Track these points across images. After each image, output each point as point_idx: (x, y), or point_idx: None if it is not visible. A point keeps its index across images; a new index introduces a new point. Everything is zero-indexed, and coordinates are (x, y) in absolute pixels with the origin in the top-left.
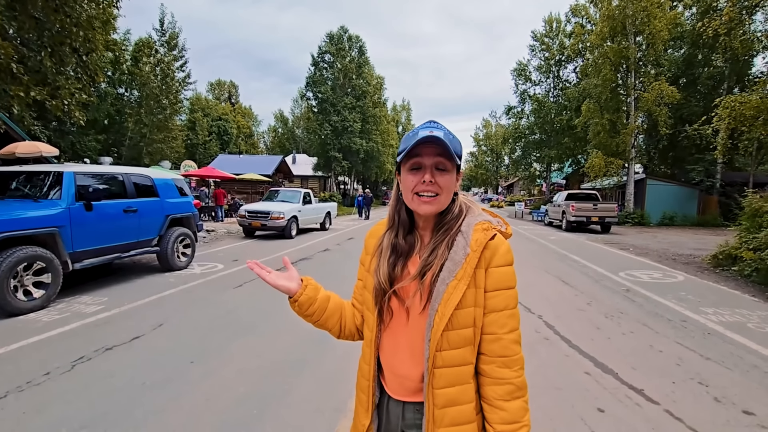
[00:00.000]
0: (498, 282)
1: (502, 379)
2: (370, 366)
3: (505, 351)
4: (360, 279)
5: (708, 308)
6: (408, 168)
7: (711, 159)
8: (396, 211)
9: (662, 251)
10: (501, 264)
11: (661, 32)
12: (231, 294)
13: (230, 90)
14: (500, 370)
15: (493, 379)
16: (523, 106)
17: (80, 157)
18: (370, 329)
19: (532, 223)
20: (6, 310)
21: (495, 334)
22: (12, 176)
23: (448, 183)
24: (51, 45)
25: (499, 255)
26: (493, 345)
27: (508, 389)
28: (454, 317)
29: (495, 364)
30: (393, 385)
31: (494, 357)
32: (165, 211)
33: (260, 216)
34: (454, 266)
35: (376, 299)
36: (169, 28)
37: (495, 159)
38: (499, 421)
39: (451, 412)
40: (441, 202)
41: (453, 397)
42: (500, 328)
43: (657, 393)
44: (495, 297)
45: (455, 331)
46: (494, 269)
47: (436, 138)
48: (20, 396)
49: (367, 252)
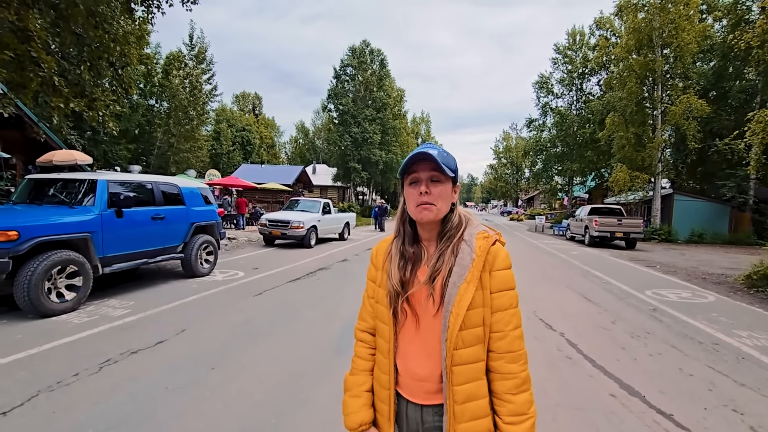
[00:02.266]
0: (501, 283)
1: (509, 374)
2: (389, 375)
3: (511, 346)
4: (371, 297)
5: (742, 331)
6: (408, 183)
7: (743, 174)
8: (401, 222)
9: (691, 269)
10: (502, 267)
11: (690, 45)
12: (251, 301)
13: (254, 101)
14: (508, 366)
15: (502, 374)
16: (544, 118)
17: (111, 165)
18: (386, 340)
19: (553, 238)
20: (40, 311)
21: (502, 331)
22: (49, 183)
23: (442, 192)
24: (90, 59)
25: (500, 259)
26: (500, 342)
27: (515, 383)
28: (466, 317)
29: (503, 359)
30: (411, 390)
31: (502, 353)
32: (190, 218)
33: (280, 225)
34: (463, 270)
35: (391, 303)
36: (198, 43)
37: (515, 172)
38: (507, 413)
39: (470, 408)
40: (437, 210)
41: (471, 392)
42: (506, 325)
43: (688, 419)
44: (500, 297)
45: (468, 330)
46: (497, 272)
47: (428, 154)
48: (51, 395)
49: (377, 268)
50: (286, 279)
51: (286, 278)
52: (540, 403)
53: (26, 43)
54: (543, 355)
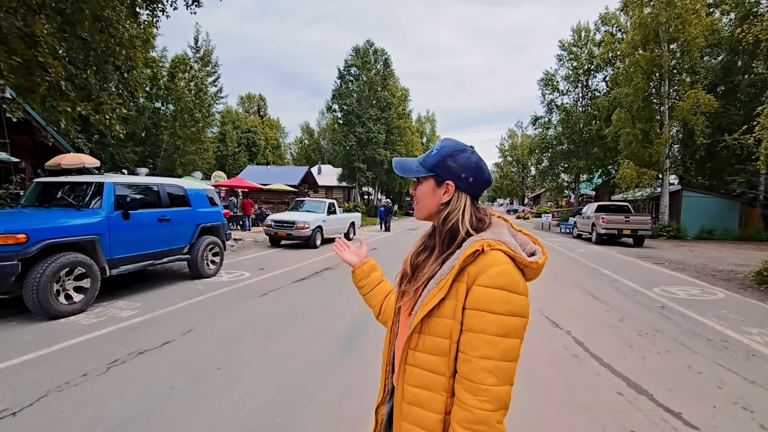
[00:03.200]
0: (478, 302)
1: (462, 403)
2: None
3: (471, 375)
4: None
5: (752, 328)
6: None
7: (753, 170)
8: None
9: (700, 266)
10: (487, 285)
11: (697, 39)
12: (257, 302)
13: (259, 103)
14: (463, 393)
15: (457, 400)
16: (550, 116)
17: (118, 168)
18: (388, 328)
19: (559, 236)
20: (49, 312)
21: (466, 354)
22: (58, 186)
23: (420, 193)
24: (96, 63)
25: (486, 275)
26: (462, 365)
27: (465, 416)
28: (429, 322)
29: (461, 384)
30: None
31: (461, 378)
32: (196, 220)
33: (286, 226)
34: (440, 276)
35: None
36: (203, 45)
37: (521, 170)
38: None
39: (416, 412)
40: (420, 209)
41: (421, 399)
42: (472, 350)
43: (696, 417)
44: (473, 317)
45: (431, 336)
46: (477, 288)
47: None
48: (60, 395)
49: None
50: (292, 279)
51: (291, 278)
52: (546, 402)
53: (33, 49)
54: (549, 353)
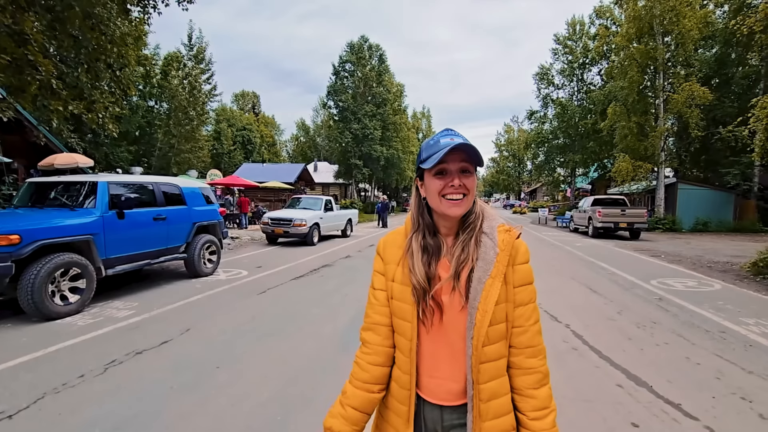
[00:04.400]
0: (523, 278)
1: (531, 369)
2: (410, 375)
3: (531, 341)
4: (382, 290)
5: (749, 318)
6: (433, 173)
7: (748, 162)
8: (419, 214)
9: (696, 258)
10: (523, 261)
11: (691, 31)
12: (255, 300)
13: (253, 100)
14: (529, 360)
15: (523, 370)
16: (545, 110)
17: (113, 168)
18: (407, 338)
19: (556, 230)
20: (44, 314)
21: (523, 326)
22: (51, 186)
23: (473, 185)
24: (87, 61)
25: (521, 253)
26: (521, 337)
27: (536, 378)
28: (493, 314)
29: (524, 354)
30: (432, 389)
31: (523, 348)
32: (192, 218)
33: (283, 223)
34: (487, 265)
35: (417, 301)
36: (197, 43)
37: (517, 164)
38: (530, 408)
39: (494, 405)
40: (467, 203)
41: (495, 390)
42: (527, 320)
43: (696, 408)
44: (522, 292)
45: (493, 326)
46: (519, 266)
47: (466, 145)
48: (56, 397)
49: (387, 261)
50: (290, 277)
51: (289, 276)
52: None
53: (23, 47)
54: (549, 347)
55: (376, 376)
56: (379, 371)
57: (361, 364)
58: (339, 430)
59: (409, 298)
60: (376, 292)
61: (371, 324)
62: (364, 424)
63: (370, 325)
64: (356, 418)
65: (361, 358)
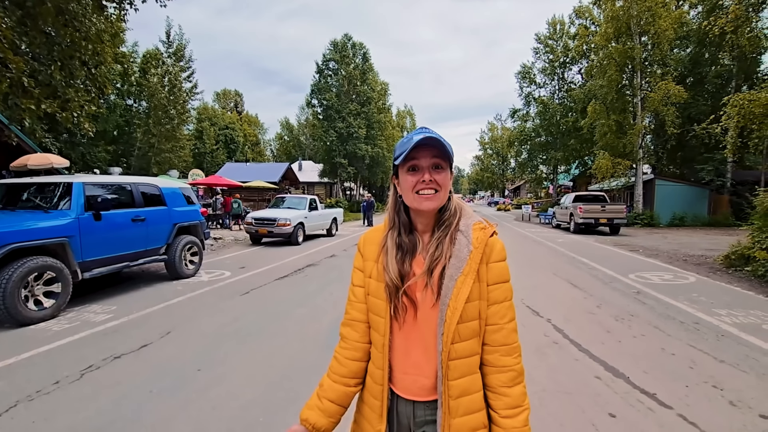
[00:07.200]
0: (497, 276)
1: (504, 367)
2: (382, 370)
3: (506, 339)
4: (361, 286)
5: (721, 310)
6: (406, 170)
7: (721, 158)
8: (395, 212)
9: (673, 252)
10: (498, 260)
11: (667, 32)
12: (238, 301)
13: (236, 99)
14: (503, 359)
15: (497, 368)
16: (528, 108)
17: (90, 168)
18: (381, 333)
19: (539, 226)
20: (17, 319)
21: (497, 324)
22: (23, 188)
23: (444, 180)
24: (61, 59)
25: (496, 251)
26: (495, 335)
27: (510, 376)
28: (464, 311)
29: (498, 353)
30: (405, 385)
31: (497, 346)
32: (172, 219)
33: (267, 223)
34: (460, 263)
35: (390, 298)
36: (176, 40)
37: (501, 162)
38: (503, 406)
39: (464, 402)
40: (440, 198)
41: (465, 387)
42: (501, 318)
43: (670, 397)
44: (496, 290)
45: (464, 323)
46: (493, 264)
47: (433, 139)
48: (30, 405)
49: (366, 258)
50: (274, 277)
51: (273, 276)
52: (528, 388)
53: None
54: (530, 341)
55: (353, 371)
56: (356, 366)
57: (339, 358)
58: (315, 421)
59: (383, 294)
60: (355, 288)
61: (349, 320)
62: (340, 417)
63: (349, 321)
64: (332, 411)
65: (339, 353)
